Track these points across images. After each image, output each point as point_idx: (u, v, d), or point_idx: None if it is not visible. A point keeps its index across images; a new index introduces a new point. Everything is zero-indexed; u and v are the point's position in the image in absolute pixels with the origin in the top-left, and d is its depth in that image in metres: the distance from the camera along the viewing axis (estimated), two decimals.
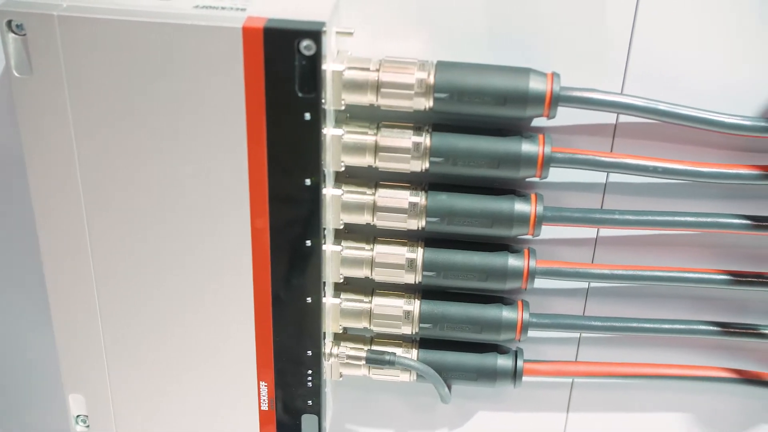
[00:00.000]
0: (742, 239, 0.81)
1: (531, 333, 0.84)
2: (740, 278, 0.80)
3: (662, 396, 0.90)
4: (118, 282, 0.76)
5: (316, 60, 0.65)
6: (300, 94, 0.66)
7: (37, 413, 0.97)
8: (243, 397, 0.80)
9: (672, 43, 0.73)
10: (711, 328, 0.83)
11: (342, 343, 0.82)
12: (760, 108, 0.75)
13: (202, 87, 0.67)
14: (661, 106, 0.73)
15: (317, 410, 0.80)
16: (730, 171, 0.75)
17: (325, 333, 0.78)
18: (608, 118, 0.77)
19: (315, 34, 0.64)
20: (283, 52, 0.65)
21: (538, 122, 0.77)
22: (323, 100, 0.67)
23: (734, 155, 0.78)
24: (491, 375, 0.83)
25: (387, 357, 0.81)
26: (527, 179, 0.78)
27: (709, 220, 0.77)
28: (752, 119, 0.74)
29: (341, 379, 0.83)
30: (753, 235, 0.80)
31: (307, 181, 0.70)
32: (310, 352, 0.77)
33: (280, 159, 0.69)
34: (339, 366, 0.82)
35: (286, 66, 0.65)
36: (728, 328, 0.83)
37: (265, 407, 0.80)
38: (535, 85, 0.71)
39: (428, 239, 0.79)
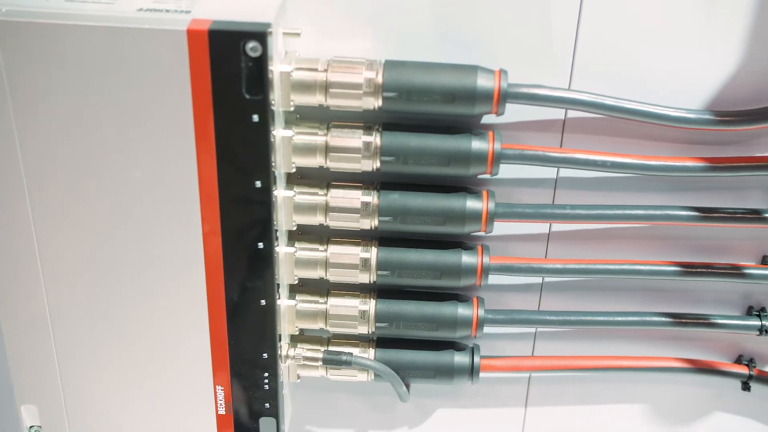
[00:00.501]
0: (691, 230, 0.82)
1: (487, 329, 0.84)
2: (690, 269, 0.81)
3: (618, 387, 0.91)
4: (69, 290, 0.75)
5: (262, 61, 0.65)
6: (247, 96, 0.66)
7: None
8: (199, 401, 0.79)
9: (618, 38, 0.74)
10: (664, 319, 0.84)
11: (299, 345, 0.82)
12: (706, 101, 0.76)
13: (148, 91, 0.66)
14: (608, 101, 0.74)
15: (275, 413, 0.79)
16: (678, 164, 0.76)
17: (280, 335, 0.77)
18: (557, 113, 0.77)
19: (260, 35, 0.64)
20: (229, 54, 0.64)
21: (488, 119, 0.77)
22: (271, 102, 0.67)
23: (682, 148, 0.79)
24: (448, 372, 0.83)
25: (344, 357, 0.81)
26: (479, 176, 0.78)
27: (658, 212, 0.78)
28: (697, 112, 0.75)
29: (299, 380, 0.83)
30: (702, 227, 0.81)
31: (258, 183, 0.69)
32: (266, 355, 0.77)
33: (230, 162, 0.69)
34: (296, 368, 0.82)
35: (232, 68, 0.65)
36: (681, 319, 0.84)
37: (222, 411, 0.79)
38: (483, 82, 0.71)
39: (382, 238, 0.79)
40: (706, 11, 0.73)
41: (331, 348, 0.83)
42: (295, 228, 0.77)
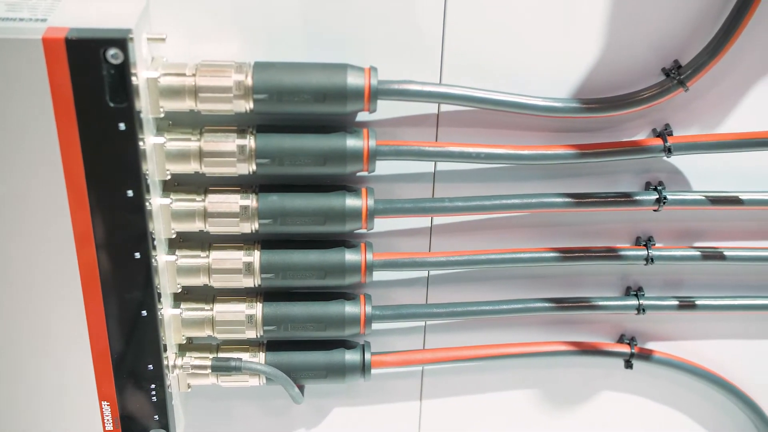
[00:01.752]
0: (568, 216, 0.85)
1: (376, 325, 0.85)
2: (569, 254, 0.83)
3: (510, 374, 0.93)
4: None
5: (124, 68, 0.63)
6: (112, 105, 0.65)
7: None
8: (85, 418, 0.77)
9: (484, 32, 0.75)
10: (547, 304, 0.86)
11: (187, 354, 0.81)
12: (573, 89, 0.78)
13: (7, 103, 0.64)
14: (478, 94, 0.75)
15: (165, 424, 0.78)
16: (550, 152, 0.78)
17: (166, 345, 0.76)
18: (430, 108, 0.78)
19: (121, 41, 0.63)
20: (88, 63, 0.63)
21: (364, 117, 0.77)
22: (138, 109, 0.66)
23: (554, 136, 0.81)
24: (340, 371, 0.83)
25: (233, 363, 0.80)
26: (358, 173, 0.78)
27: (534, 200, 0.80)
28: (564, 101, 0.77)
29: (190, 390, 0.82)
30: (577, 212, 0.83)
31: (129, 193, 0.68)
32: (151, 366, 0.75)
33: (98, 172, 0.67)
34: (185, 377, 0.81)
35: (93, 76, 0.63)
36: (564, 303, 0.86)
37: (110, 427, 0.78)
38: (353, 80, 0.72)
39: (265, 241, 0.79)
40: (569, 2, 0.75)
41: (221, 355, 0.82)
42: (174, 236, 0.76)
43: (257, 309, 0.80)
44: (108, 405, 0.76)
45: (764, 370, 0.93)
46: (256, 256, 0.77)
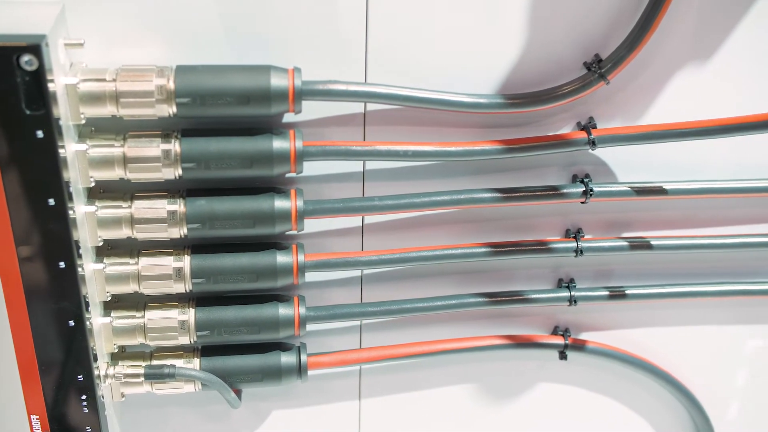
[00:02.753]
0: (498, 211, 0.85)
1: (311, 326, 0.85)
2: (500, 249, 0.84)
3: (447, 370, 0.93)
4: None
5: (40, 75, 0.62)
6: (28, 112, 0.63)
7: None
8: None
9: (408, 29, 0.76)
10: (481, 299, 0.86)
11: (120, 362, 0.80)
12: (497, 85, 0.79)
13: None
14: (402, 92, 0.75)
15: None
16: (476, 148, 0.79)
17: (96, 355, 0.75)
18: (357, 107, 0.78)
19: (35, 48, 0.61)
20: (2, 70, 0.61)
21: (292, 118, 0.77)
22: (57, 116, 0.65)
23: (481, 132, 0.81)
24: (276, 373, 0.83)
25: (166, 370, 0.79)
26: (287, 175, 0.78)
27: (463, 196, 0.80)
28: (489, 97, 0.78)
29: (123, 399, 0.81)
30: (506, 207, 0.84)
31: (51, 201, 0.67)
32: (81, 377, 0.74)
33: (17, 181, 0.66)
34: (119, 386, 0.80)
35: (7, 83, 0.62)
36: (497, 297, 0.87)
37: None
38: (277, 81, 0.71)
39: (196, 246, 0.78)
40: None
41: (155, 362, 0.81)
42: (101, 243, 0.75)
43: (190, 314, 0.79)
44: (37, 419, 0.75)
45: (695, 356, 0.95)
46: (186, 262, 0.77)
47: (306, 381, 0.84)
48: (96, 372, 0.75)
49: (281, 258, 0.78)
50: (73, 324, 0.72)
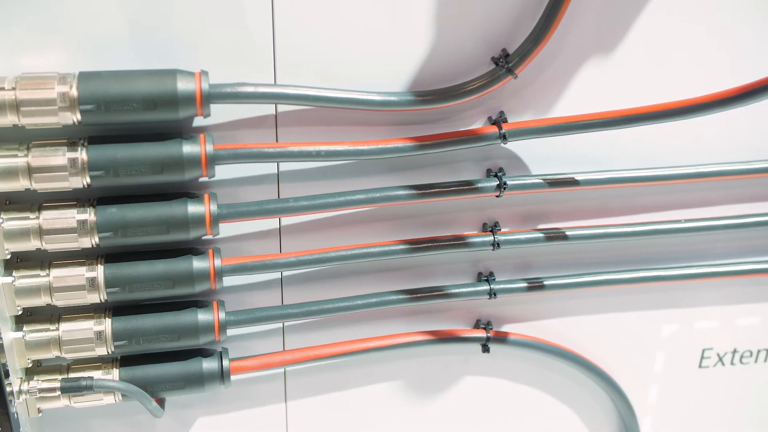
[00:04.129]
0: (414, 208, 0.86)
1: (233, 331, 0.84)
2: (419, 245, 0.84)
3: (372, 368, 0.93)
4: None
5: None
6: None
7: None
8: None
9: (315, 29, 0.76)
10: (402, 296, 0.87)
11: (35, 377, 0.78)
12: (408, 83, 0.79)
13: None
14: (312, 92, 0.75)
15: None
16: (389, 146, 0.79)
17: (8, 371, 0.73)
18: (268, 109, 0.78)
19: None
20: None
21: (203, 122, 0.77)
22: None
23: (395, 130, 0.82)
24: (198, 380, 0.82)
25: (83, 383, 0.78)
26: (201, 179, 0.77)
27: (378, 195, 0.81)
28: (399, 94, 0.78)
29: (41, 414, 0.79)
30: (422, 203, 0.84)
31: None
32: None
33: None
34: (35, 401, 0.78)
35: None
36: (418, 294, 0.87)
37: None
38: (184, 85, 0.71)
39: (110, 254, 0.77)
40: None
41: (72, 375, 0.79)
42: (9, 256, 0.73)
43: (106, 325, 0.78)
44: None
45: (614, 343, 0.97)
46: (99, 271, 0.76)
47: (230, 386, 0.83)
48: (9, 388, 0.73)
49: (198, 263, 0.77)
50: None
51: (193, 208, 0.75)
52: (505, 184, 0.83)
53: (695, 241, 0.93)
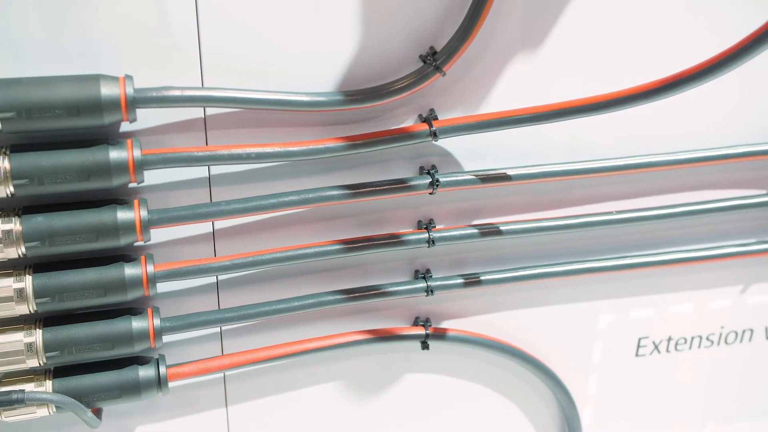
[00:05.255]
0: (350, 208, 0.86)
1: (171, 337, 0.83)
2: (354, 245, 0.84)
3: (313, 370, 0.93)
4: None
5: None
6: None
7: None
8: None
9: (240, 30, 0.75)
10: (340, 296, 0.86)
11: None
12: (338, 83, 0.79)
13: None
14: (240, 94, 0.75)
15: None
16: (321, 146, 0.79)
17: None
18: (197, 112, 0.77)
19: None
20: None
21: (131, 127, 0.76)
22: None
23: (327, 130, 0.82)
24: (135, 388, 0.81)
25: (15, 396, 0.76)
26: (130, 185, 0.76)
27: (311, 195, 0.80)
28: (329, 94, 0.78)
29: None
30: (357, 202, 0.84)
31: None
32: None
33: None
34: None
35: None
36: (355, 293, 0.87)
37: None
38: (107, 90, 0.70)
39: (39, 264, 0.76)
40: None
41: (2, 389, 0.78)
42: None
43: (37, 336, 0.76)
44: None
45: (553, 335, 0.98)
46: (27, 281, 0.74)
47: (168, 393, 0.82)
48: None
49: (129, 270, 0.77)
50: None
51: (122, 215, 0.74)
52: (437, 181, 0.83)
53: (627, 232, 0.94)
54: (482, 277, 0.90)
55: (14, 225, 0.72)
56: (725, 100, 0.90)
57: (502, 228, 0.88)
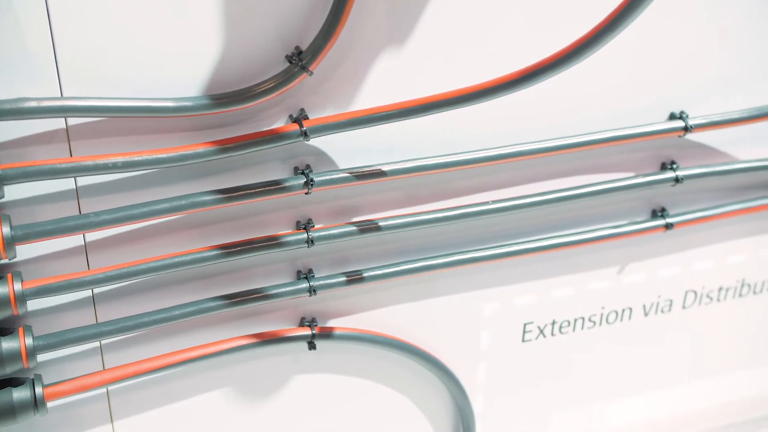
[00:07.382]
0: (225, 212, 0.85)
1: (46, 356, 0.81)
2: (232, 249, 0.83)
3: (200, 378, 0.92)
4: None
5: None
6: None
7: None
8: None
9: (97, 33, 0.73)
10: (221, 302, 0.85)
11: None
12: (206, 86, 0.78)
13: None
14: (100, 102, 0.73)
15: None
16: (190, 151, 0.78)
17: None
18: (58, 123, 0.75)
19: None
20: None
21: None
22: None
23: (196, 135, 0.80)
24: (9, 411, 0.78)
25: None
26: None
27: (184, 202, 0.79)
28: (195, 99, 0.77)
29: None
30: (232, 207, 0.83)
31: None
32: None
33: None
34: None
35: None
36: (237, 298, 0.86)
37: None
38: None
39: None
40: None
41: None
42: None
43: None
44: None
45: (439, 326, 0.99)
46: None
47: (46, 413, 0.80)
48: None
49: None
50: None
51: None
52: (312, 180, 0.83)
53: (505, 220, 0.96)
54: (365, 274, 0.90)
55: None
56: (587, 89, 0.93)
57: (381, 224, 0.88)
